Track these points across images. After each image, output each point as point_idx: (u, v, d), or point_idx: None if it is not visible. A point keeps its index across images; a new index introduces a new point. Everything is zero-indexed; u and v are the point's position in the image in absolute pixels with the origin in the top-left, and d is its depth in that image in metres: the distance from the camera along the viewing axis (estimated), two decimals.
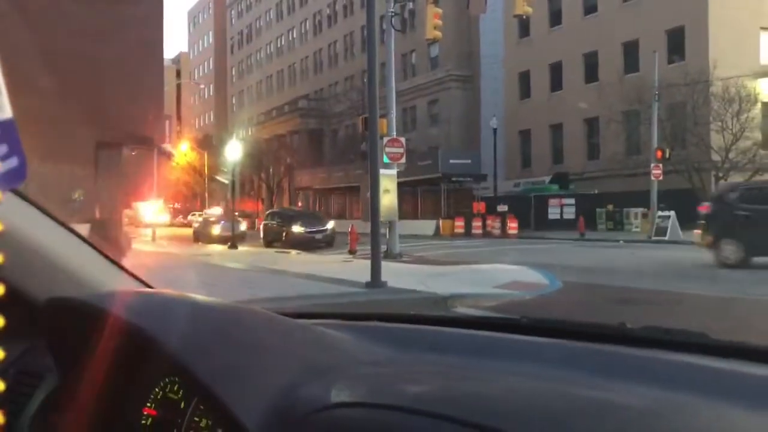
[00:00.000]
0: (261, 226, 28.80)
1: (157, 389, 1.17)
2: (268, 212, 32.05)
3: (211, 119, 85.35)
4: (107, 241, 12.43)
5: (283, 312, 1.48)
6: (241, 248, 22.74)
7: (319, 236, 23.94)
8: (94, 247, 1.48)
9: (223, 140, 41.96)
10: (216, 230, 28.74)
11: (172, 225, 71.32)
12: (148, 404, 1.18)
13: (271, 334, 1.16)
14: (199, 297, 1.26)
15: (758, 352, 1.09)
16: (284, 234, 24.51)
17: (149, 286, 1.54)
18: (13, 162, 0.36)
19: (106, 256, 1.49)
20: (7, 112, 0.40)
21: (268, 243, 25.65)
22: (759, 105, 29.45)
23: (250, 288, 10.59)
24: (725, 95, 28.25)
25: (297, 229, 24.15)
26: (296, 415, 0.92)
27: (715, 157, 28.78)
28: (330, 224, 25.22)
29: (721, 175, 28.81)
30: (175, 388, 1.14)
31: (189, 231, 52.21)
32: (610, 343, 1.20)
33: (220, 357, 1.03)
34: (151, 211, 38.69)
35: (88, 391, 1.18)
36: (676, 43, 32.56)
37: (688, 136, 29.78)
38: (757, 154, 28.57)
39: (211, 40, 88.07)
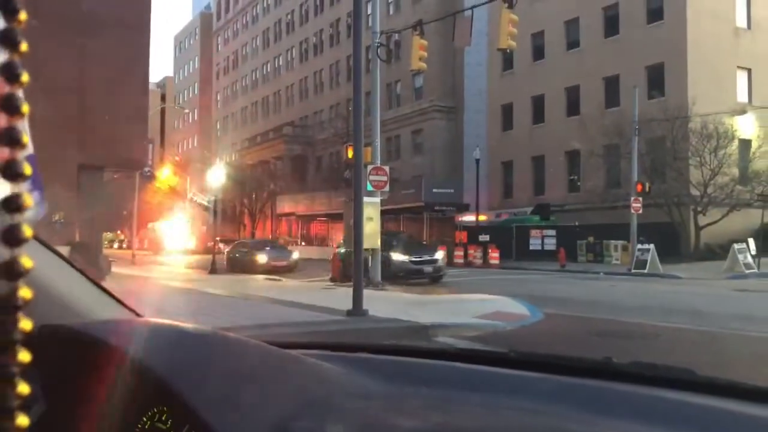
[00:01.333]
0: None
1: (144, 418, 1.15)
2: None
3: (195, 144, 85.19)
4: (87, 263, 12.29)
5: (272, 341, 1.48)
6: (221, 275, 22.57)
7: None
8: (84, 274, 1.47)
9: (207, 165, 41.86)
10: (262, 259, 25.21)
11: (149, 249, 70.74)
12: None
13: (263, 365, 1.15)
14: (189, 325, 1.25)
15: (745, 390, 1.10)
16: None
17: (138, 315, 1.53)
18: (35, 196, 0.38)
19: (96, 284, 1.49)
20: (30, 149, 0.41)
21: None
22: (736, 141, 30.02)
23: (232, 315, 10.50)
24: (703, 131, 28.78)
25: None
26: None
27: (694, 192, 29.21)
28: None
29: (699, 209, 29.23)
30: (164, 418, 1.12)
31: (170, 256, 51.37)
32: (597, 377, 1.21)
33: (213, 387, 1.02)
34: (174, 234, 36.41)
35: (75, 420, 1.17)
36: (656, 80, 33.21)
37: (667, 170, 30.24)
38: (735, 189, 29.04)
39: (196, 65, 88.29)
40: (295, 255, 26.95)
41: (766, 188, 28.82)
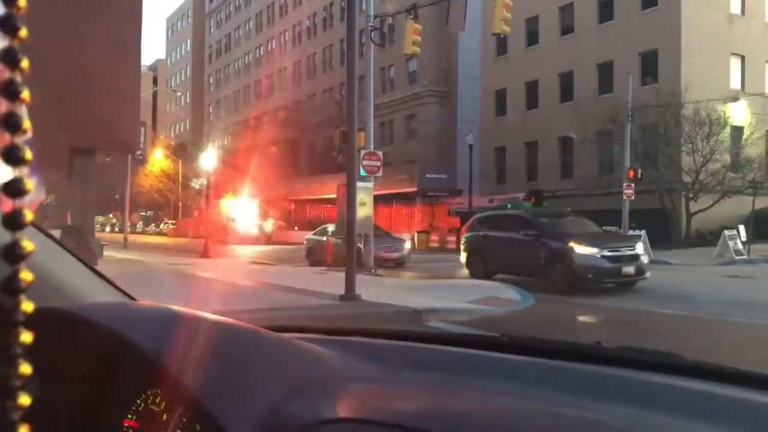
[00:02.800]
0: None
1: (139, 401, 1.16)
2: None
3: (187, 127, 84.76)
4: (78, 247, 12.27)
5: (265, 325, 1.48)
6: (216, 259, 22.56)
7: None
8: (78, 258, 1.48)
9: (199, 148, 41.71)
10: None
11: (144, 233, 70.61)
12: (129, 416, 1.17)
13: (257, 349, 1.15)
14: (184, 309, 1.25)
15: (732, 375, 1.12)
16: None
17: (132, 298, 1.54)
18: (33, 181, 0.39)
19: (90, 267, 1.49)
20: (29, 133, 0.43)
21: None
22: (728, 128, 30.12)
23: (225, 298, 10.52)
24: (696, 118, 28.84)
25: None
26: (285, 431, 0.93)
27: (686, 179, 29.32)
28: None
29: (691, 195, 29.36)
30: (158, 400, 1.13)
31: (162, 240, 51.36)
32: (586, 362, 1.23)
33: (207, 370, 1.02)
34: (248, 217, 33.83)
35: (69, 403, 1.18)
36: (650, 66, 33.19)
37: (659, 157, 30.32)
38: (726, 176, 29.17)
39: (189, 48, 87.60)
40: (407, 245, 21.75)
41: (758, 175, 28.97)
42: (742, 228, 24.50)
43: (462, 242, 17.14)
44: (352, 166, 12.12)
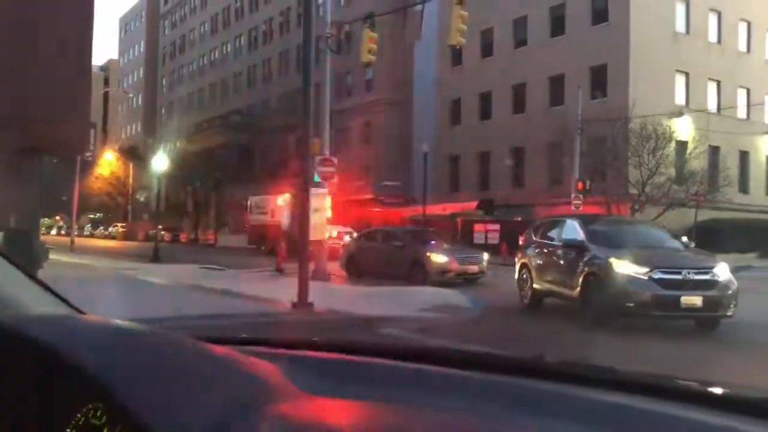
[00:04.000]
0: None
1: (79, 415, 1.13)
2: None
3: (139, 129, 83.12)
4: (23, 250, 11.93)
5: (210, 336, 1.48)
6: (166, 264, 22.19)
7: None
8: (18, 267, 1.45)
9: (151, 151, 40.92)
10: (440, 259, 17.25)
11: (92, 236, 68.84)
12: (68, 430, 1.14)
13: (199, 364, 1.12)
14: (125, 322, 1.23)
15: (669, 389, 1.16)
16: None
17: (77, 308, 1.52)
18: None
19: (32, 277, 1.46)
20: None
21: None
22: (673, 143, 31.12)
23: (174, 304, 10.37)
24: (643, 132, 29.70)
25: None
26: None
27: (633, 191, 30.15)
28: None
29: (637, 207, 30.21)
30: (98, 414, 1.11)
31: (111, 243, 50.14)
32: (527, 376, 1.26)
33: (145, 386, 1.00)
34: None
35: (5, 418, 1.16)
36: (599, 80, 34.09)
37: (607, 169, 31.12)
38: (670, 189, 30.11)
39: (142, 49, 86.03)
40: (486, 256, 18.31)
41: (700, 188, 30.01)
42: (684, 239, 25.30)
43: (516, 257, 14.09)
44: (306, 173, 12.12)
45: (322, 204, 16.22)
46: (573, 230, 11.29)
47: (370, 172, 39.83)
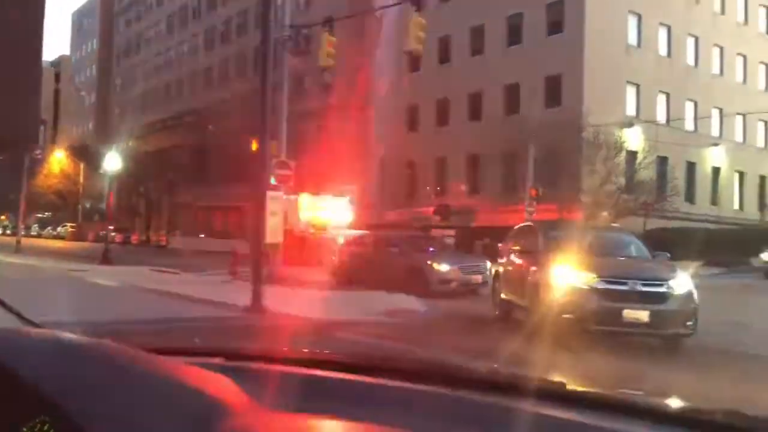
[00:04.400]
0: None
1: (25, 429, 1.12)
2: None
3: (91, 128, 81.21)
4: None
5: (162, 348, 1.47)
6: (117, 266, 21.71)
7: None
8: None
9: (103, 150, 39.96)
10: (443, 268, 15.84)
11: (39, 236, 66.88)
12: None
13: (150, 378, 1.11)
14: (73, 335, 1.22)
15: (606, 402, 1.20)
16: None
17: (28, 319, 1.50)
18: None
19: None
20: None
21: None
22: (624, 153, 31.91)
23: (123, 308, 10.17)
24: (595, 142, 30.38)
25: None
26: None
27: (585, 199, 30.78)
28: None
29: (588, 215, 30.84)
30: (46, 428, 1.10)
31: (60, 244, 48.80)
32: (455, 386, 1.27)
33: (95, 401, 0.99)
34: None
35: None
36: (554, 90, 34.71)
37: (560, 177, 31.71)
38: (620, 197, 30.85)
39: (95, 45, 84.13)
40: (489, 265, 15.34)
41: (649, 197, 30.83)
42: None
43: None
44: (262, 175, 12.04)
45: (279, 207, 16.13)
46: (533, 237, 10.90)
47: (326, 177, 39.63)
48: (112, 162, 28.51)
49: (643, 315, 8.26)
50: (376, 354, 2.29)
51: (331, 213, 26.60)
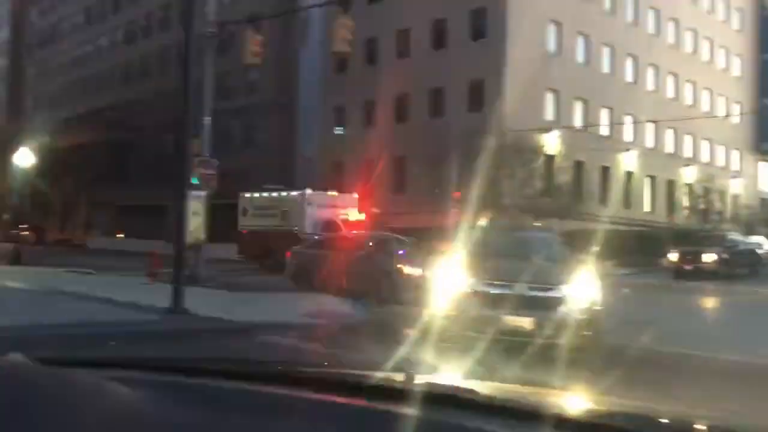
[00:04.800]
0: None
1: None
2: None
3: (1, 122, 77.06)
4: None
5: (67, 359, 1.44)
6: (28, 267, 20.76)
7: None
8: None
9: (14, 145, 37.98)
10: (413, 271, 14.30)
11: None
12: None
13: (51, 392, 1.06)
14: None
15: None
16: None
17: None
18: None
19: None
20: None
21: None
22: (542, 157, 32.96)
23: (34, 312, 9.76)
24: (516, 146, 31.25)
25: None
26: None
27: (505, 201, 31.59)
28: None
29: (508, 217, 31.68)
30: None
31: None
32: (280, 383, 1.34)
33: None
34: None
35: None
36: (477, 94, 35.47)
37: (483, 180, 32.42)
38: (539, 201, 31.84)
39: (6, 35, 79.95)
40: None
41: (565, 201, 31.97)
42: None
43: None
44: (184, 175, 11.82)
45: (201, 207, 15.85)
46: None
47: (251, 177, 39.07)
48: (24, 158, 27.24)
49: (527, 322, 7.68)
50: (289, 362, 2.32)
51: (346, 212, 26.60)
